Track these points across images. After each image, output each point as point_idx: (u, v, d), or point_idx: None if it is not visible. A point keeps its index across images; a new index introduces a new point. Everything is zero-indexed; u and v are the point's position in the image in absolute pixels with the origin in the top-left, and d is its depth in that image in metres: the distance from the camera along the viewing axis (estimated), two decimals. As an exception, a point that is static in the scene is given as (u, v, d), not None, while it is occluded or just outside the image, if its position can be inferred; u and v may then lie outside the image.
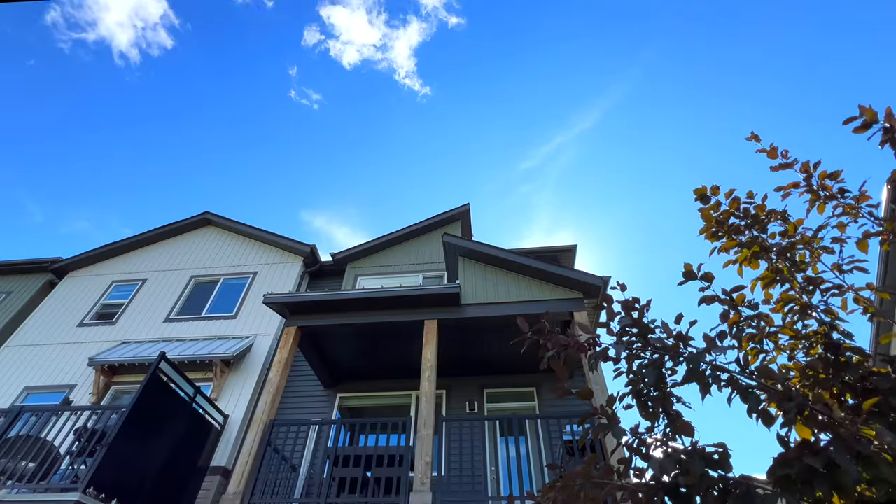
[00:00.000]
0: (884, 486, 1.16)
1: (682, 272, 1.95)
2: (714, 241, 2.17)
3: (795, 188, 2.14)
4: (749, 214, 2.01)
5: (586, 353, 2.09)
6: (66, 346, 9.39)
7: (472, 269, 7.34)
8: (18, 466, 5.45)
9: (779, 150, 2.18)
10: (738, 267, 2.01)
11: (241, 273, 10.56)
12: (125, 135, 29.13)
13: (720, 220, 2.07)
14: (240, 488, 5.22)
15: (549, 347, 2.09)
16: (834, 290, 1.79)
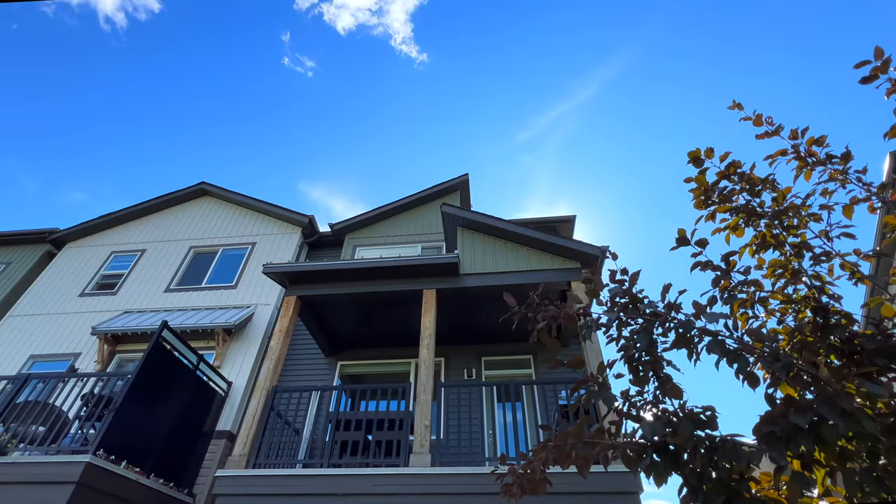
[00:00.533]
0: (865, 440, 1.21)
1: (675, 238, 1.95)
2: (706, 207, 2.16)
3: (783, 155, 2.12)
4: (744, 177, 1.99)
5: (578, 323, 2.12)
6: (68, 315, 9.50)
7: (470, 239, 7.34)
8: (29, 430, 5.62)
9: (763, 118, 2.14)
10: (725, 234, 2.01)
11: (239, 244, 10.56)
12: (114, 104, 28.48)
13: (713, 186, 2.06)
14: (245, 450, 5.40)
15: (539, 320, 2.11)
16: (822, 257, 1.80)
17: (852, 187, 1.97)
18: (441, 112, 34.90)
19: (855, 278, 1.74)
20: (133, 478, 5.44)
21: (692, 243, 2.04)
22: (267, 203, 11.10)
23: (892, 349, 1.43)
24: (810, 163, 2.04)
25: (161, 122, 31.12)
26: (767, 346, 1.45)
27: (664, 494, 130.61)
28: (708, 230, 2.29)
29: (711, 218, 2.19)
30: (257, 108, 32.69)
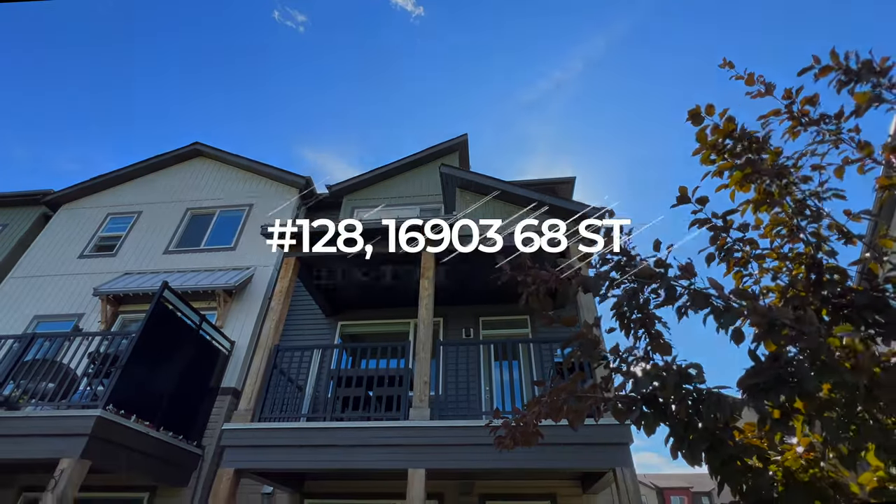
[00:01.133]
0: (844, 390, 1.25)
1: (676, 196, 1.94)
2: (708, 164, 2.13)
3: (776, 115, 2.07)
4: (745, 134, 1.95)
5: (570, 284, 2.14)
6: (69, 276, 9.56)
7: (469, 200, 7.29)
8: (39, 387, 5.78)
9: (756, 76, 2.08)
10: (731, 191, 1.99)
11: (236, 205, 10.49)
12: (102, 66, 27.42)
13: (715, 143, 2.02)
14: (250, 405, 5.58)
15: (530, 283, 2.12)
16: (812, 217, 1.80)
17: (845, 147, 1.94)
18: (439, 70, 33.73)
19: (844, 238, 1.74)
20: (143, 430, 5.66)
21: (693, 201, 2.03)
22: (263, 164, 10.93)
23: (881, 303, 1.45)
24: (804, 123, 1.99)
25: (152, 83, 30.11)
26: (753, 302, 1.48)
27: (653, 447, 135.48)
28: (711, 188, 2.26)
29: (719, 174, 2.16)
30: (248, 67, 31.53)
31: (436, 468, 4.97)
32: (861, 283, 1.56)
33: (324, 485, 6.94)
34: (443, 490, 6.62)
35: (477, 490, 6.59)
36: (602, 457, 4.82)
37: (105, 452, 5.15)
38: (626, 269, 1.81)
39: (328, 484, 6.94)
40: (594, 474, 5.75)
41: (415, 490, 4.76)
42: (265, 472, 5.76)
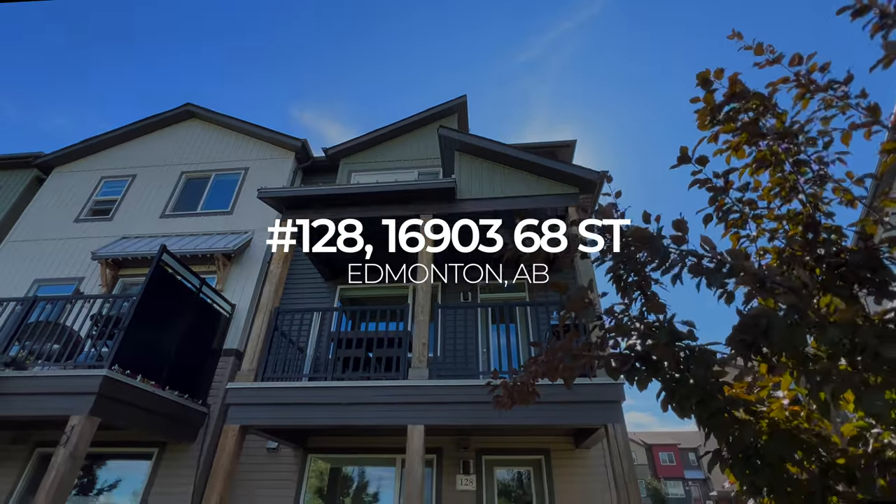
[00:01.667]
0: (827, 344, 1.29)
1: (677, 157, 1.92)
2: (710, 128, 2.09)
3: (785, 83, 2.02)
4: (750, 95, 1.91)
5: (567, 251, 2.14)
6: (67, 240, 9.54)
7: (468, 164, 7.20)
8: (45, 348, 5.89)
9: (765, 46, 2.02)
10: (727, 155, 1.97)
11: (231, 169, 10.34)
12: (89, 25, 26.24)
13: (719, 106, 1.98)
14: (253, 366, 5.71)
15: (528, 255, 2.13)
16: (816, 181, 1.79)
17: (852, 113, 1.91)
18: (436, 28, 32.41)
19: (846, 199, 1.74)
20: (149, 390, 5.81)
21: (693, 161, 2.01)
22: (258, 126, 10.70)
23: (875, 262, 1.47)
24: (812, 89, 1.95)
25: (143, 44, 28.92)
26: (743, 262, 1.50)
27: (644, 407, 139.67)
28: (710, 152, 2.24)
29: (714, 139, 2.14)
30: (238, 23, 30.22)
31: (434, 425, 5.16)
32: (857, 244, 1.57)
33: (327, 440, 7.22)
34: (441, 445, 6.89)
35: (474, 445, 6.87)
36: (595, 414, 5.00)
37: (113, 410, 5.32)
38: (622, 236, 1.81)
39: (331, 439, 7.22)
40: (586, 430, 5.97)
41: (414, 445, 4.96)
42: (269, 428, 5.97)
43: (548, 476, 6.59)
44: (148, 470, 6.79)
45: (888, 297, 1.56)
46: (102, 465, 7.14)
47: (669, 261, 1.61)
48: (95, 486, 7.04)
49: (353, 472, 7.30)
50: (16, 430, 7.20)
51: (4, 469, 7.02)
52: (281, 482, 6.91)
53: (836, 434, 1.80)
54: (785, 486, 1.61)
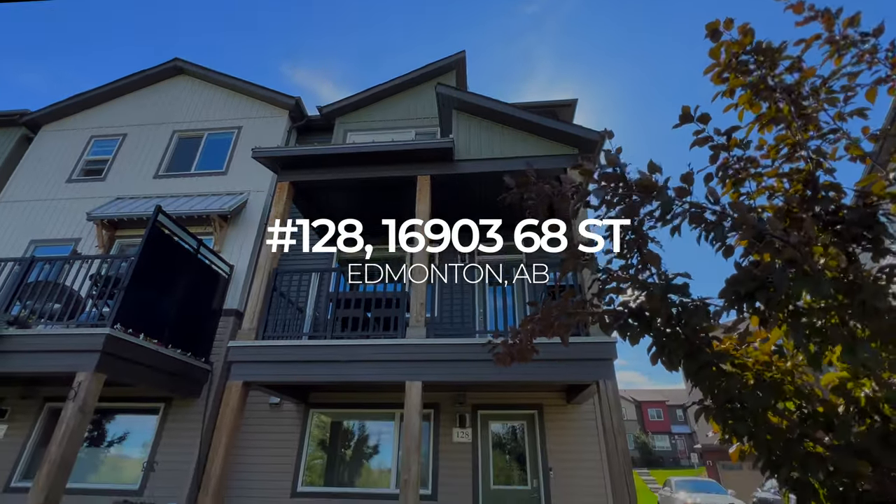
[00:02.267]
0: (820, 297, 1.32)
1: (679, 115, 1.88)
2: (723, 83, 2.03)
3: (817, 40, 1.95)
4: (761, 49, 1.85)
5: (570, 203, 2.13)
6: (60, 201, 9.43)
7: (466, 123, 7.04)
8: (46, 307, 5.95)
9: (805, 4, 1.93)
10: (738, 111, 1.92)
11: (224, 128, 10.10)
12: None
13: (733, 57, 1.91)
14: (253, 325, 5.81)
15: (534, 197, 2.11)
16: (830, 135, 1.76)
17: (879, 68, 1.85)
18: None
19: (855, 155, 1.72)
20: (153, 348, 5.93)
21: (695, 120, 1.96)
22: (250, 83, 10.36)
23: (871, 219, 1.47)
24: (842, 45, 1.89)
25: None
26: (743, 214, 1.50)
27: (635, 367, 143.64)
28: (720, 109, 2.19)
29: (730, 94, 2.07)
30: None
31: (432, 381, 5.32)
32: (856, 202, 1.57)
33: (328, 396, 7.46)
34: (438, 401, 7.14)
35: (469, 401, 7.11)
36: (588, 371, 5.15)
37: (118, 367, 5.44)
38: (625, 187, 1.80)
39: (332, 395, 7.45)
40: (579, 386, 6.18)
41: (412, 400, 5.13)
42: (271, 384, 6.15)
43: (540, 429, 6.88)
44: (156, 423, 7.04)
45: (881, 255, 1.58)
46: (112, 419, 7.40)
47: (673, 211, 1.61)
48: (106, 439, 7.32)
49: (354, 425, 7.59)
50: (24, 386, 7.40)
51: (16, 422, 7.26)
52: (284, 435, 7.19)
53: (817, 387, 1.87)
54: (765, 434, 1.68)
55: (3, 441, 7.12)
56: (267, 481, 6.84)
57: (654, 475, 31.71)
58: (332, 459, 7.28)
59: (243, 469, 6.88)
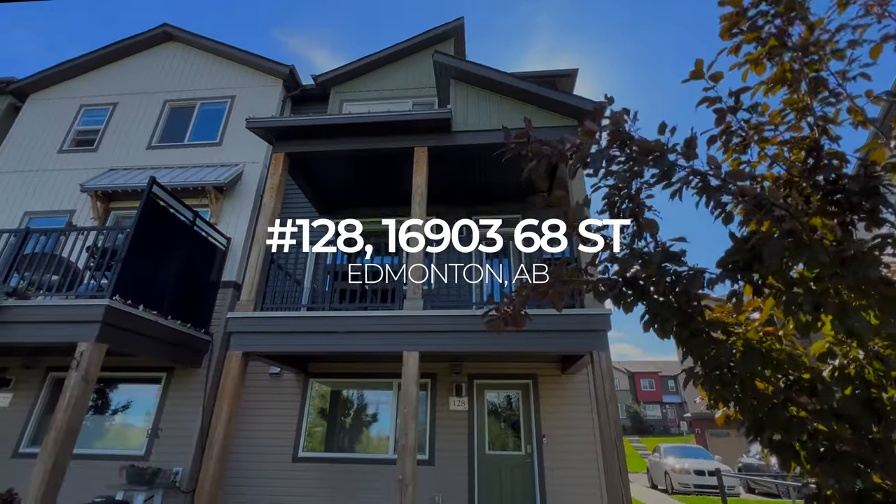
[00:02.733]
0: (815, 266, 1.33)
1: (690, 71, 1.83)
2: (732, 38, 1.96)
3: None
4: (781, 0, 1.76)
5: (568, 164, 2.11)
6: (53, 172, 9.30)
7: (464, 93, 6.91)
8: (44, 279, 5.96)
9: None
10: (744, 70, 1.88)
11: (217, 97, 9.87)
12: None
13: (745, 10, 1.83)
14: (252, 296, 5.85)
15: (532, 157, 2.09)
16: (831, 99, 1.73)
17: (888, 23, 1.79)
18: (434, -62, 29.49)
19: (858, 121, 1.69)
20: (152, 318, 5.98)
21: (706, 77, 1.89)
22: (242, 50, 10.07)
23: (871, 190, 1.47)
24: None
25: (102, -55, 26.17)
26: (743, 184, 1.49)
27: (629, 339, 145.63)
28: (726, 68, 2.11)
29: (735, 51, 2.00)
30: (214, -72, 27.26)
31: (429, 352, 5.41)
32: (858, 171, 1.56)
33: (327, 366, 7.59)
34: (435, 371, 7.28)
35: (466, 371, 7.26)
36: (582, 342, 5.25)
37: (119, 337, 5.50)
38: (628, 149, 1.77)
39: (331, 365, 7.59)
40: (573, 357, 6.30)
41: (409, 369, 5.24)
42: (271, 354, 6.24)
43: (535, 398, 7.05)
44: (158, 392, 7.18)
45: (877, 225, 1.59)
46: (115, 388, 7.53)
47: (675, 176, 1.60)
48: (110, 407, 7.48)
49: (353, 395, 7.76)
50: (27, 357, 7.49)
51: (21, 391, 7.39)
52: (285, 404, 7.36)
53: (805, 355, 1.91)
54: (751, 399, 1.73)
55: (9, 409, 7.26)
56: (269, 447, 7.04)
57: (644, 442, 32.76)
58: (333, 427, 7.48)
59: (246, 436, 7.07)
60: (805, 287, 1.42)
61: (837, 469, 1.55)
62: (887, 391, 1.59)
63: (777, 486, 13.38)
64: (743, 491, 14.62)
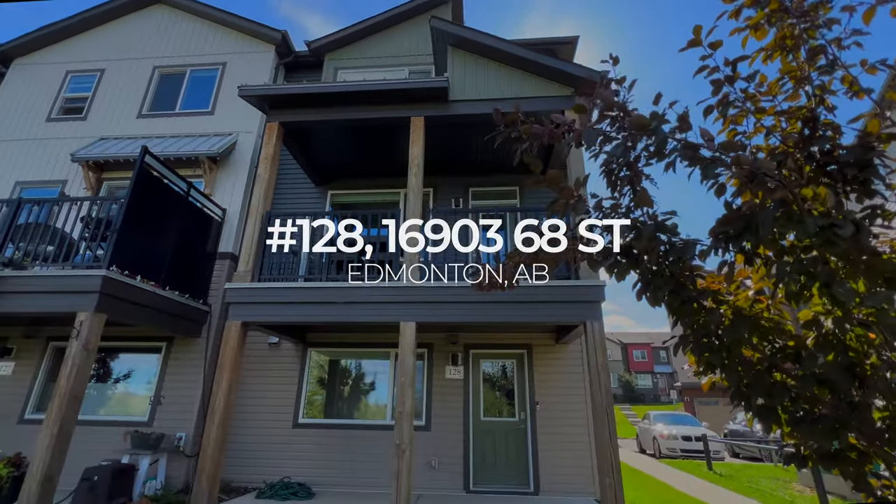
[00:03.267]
0: (805, 235, 1.36)
1: (688, 39, 1.80)
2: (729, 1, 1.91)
3: None
4: None
5: (562, 141, 2.08)
6: (42, 141, 9.12)
7: (461, 61, 6.74)
8: (39, 249, 5.95)
9: None
10: (744, 36, 1.84)
11: (208, 64, 9.60)
12: None
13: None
14: (249, 267, 5.87)
15: (524, 138, 2.05)
16: (827, 67, 1.71)
17: None
18: None
19: (852, 91, 1.68)
20: (150, 289, 6.01)
21: (704, 45, 1.86)
22: (232, 14, 9.72)
23: (865, 161, 1.48)
24: None
25: None
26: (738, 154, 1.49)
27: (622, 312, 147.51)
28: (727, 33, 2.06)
29: (736, 15, 1.95)
30: None
31: (426, 322, 5.49)
32: (857, 142, 1.55)
33: (325, 336, 7.71)
34: (432, 341, 7.41)
35: (462, 341, 7.39)
36: (577, 312, 5.33)
37: (118, 307, 5.55)
38: (621, 123, 1.76)
39: (329, 335, 7.70)
40: (567, 327, 6.41)
41: (406, 339, 5.33)
42: (269, 324, 6.32)
43: (529, 367, 7.22)
44: (159, 361, 7.30)
45: (869, 196, 1.60)
46: (116, 357, 7.64)
47: (668, 148, 1.59)
48: (112, 376, 7.61)
49: (351, 364, 7.91)
50: (26, 327, 7.55)
51: (23, 360, 7.49)
52: (284, 373, 7.51)
53: (792, 324, 1.96)
54: (737, 366, 1.79)
55: (11, 378, 7.38)
56: (270, 414, 7.23)
57: (634, 410, 33.76)
58: (331, 395, 7.66)
59: (247, 403, 7.24)
60: (795, 256, 1.45)
61: (816, 431, 1.62)
62: (869, 357, 1.65)
63: (760, 451, 13.93)
64: (728, 455, 15.22)
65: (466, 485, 6.64)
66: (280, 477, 6.59)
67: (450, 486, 6.63)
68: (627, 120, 1.69)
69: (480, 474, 6.75)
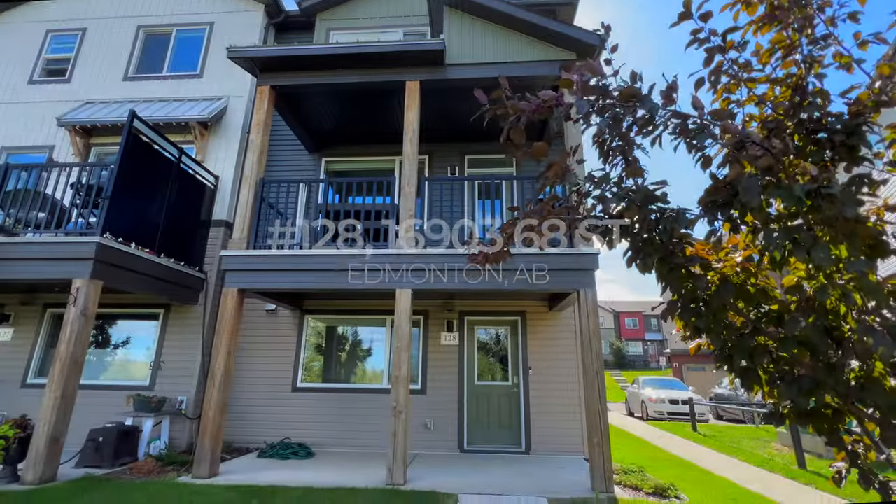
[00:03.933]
0: (791, 202, 1.38)
1: (679, 13, 1.77)
2: None
3: None
4: None
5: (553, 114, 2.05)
6: (25, 105, 8.85)
7: (458, 23, 6.52)
8: (31, 216, 5.89)
9: None
10: (735, 11, 1.81)
11: (195, 24, 9.22)
12: None
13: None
14: (244, 234, 5.86)
15: (510, 115, 2.01)
16: (821, 41, 1.69)
17: None
18: None
19: (843, 63, 1.67)
20: (145, 256, 6.01)
21: (695, 17, 1.85)
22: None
23: (853, 127, 1.49)
24: None
25: None
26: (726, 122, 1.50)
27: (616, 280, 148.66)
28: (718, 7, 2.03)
29: None
30: None
31: (421, 289, 5.55)
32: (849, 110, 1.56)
33: (322, 303, 7.79)
34: (427, 308, 7.52)
35: (457, 308, 7.51)
36: (571, 280, 5.40)
37: (113, 274, 5.56)
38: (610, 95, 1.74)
39: (326, 302, 7.79)
40: (561, 295, 6.52)
41: (402, 305, 5.41)
42: (265, 291, 6.37)
43: (522, 334, 7.37)
44: (157, 328, 7.38)
45: (856, 164, 1.62)
46: (115, 324, 7.72)
47: (657, 120, 1.59)
48: (112, 342, 7.70)
49: (348, 331, 8.04)
50: (23, 294, 7.57)
51: (22, 326, 7.55)
52: (282, 339, 7.63)
53: (778, 291, 2.01)
54: (721, 329, 1.85)
55: (11, 344, 7.45)
56: (269, 379, 7.40)
57: (624, 375, 34.74)
58: (329, 360, 7.82)
59: (246, 368, 7.39)
60: (781, 224, 1.48)
61: (794, 390, 1.70)
62: (847, 321, 1.71)
63: (743, 413, 14.49)
64: (712, 418, 15.84)
65: (461, 445, 6.91)
66: (280, 438, 6.82)
67: (445, 446, 6.90)
68: (618, 92, 1.68)
69: (474, 435, 7.02)
